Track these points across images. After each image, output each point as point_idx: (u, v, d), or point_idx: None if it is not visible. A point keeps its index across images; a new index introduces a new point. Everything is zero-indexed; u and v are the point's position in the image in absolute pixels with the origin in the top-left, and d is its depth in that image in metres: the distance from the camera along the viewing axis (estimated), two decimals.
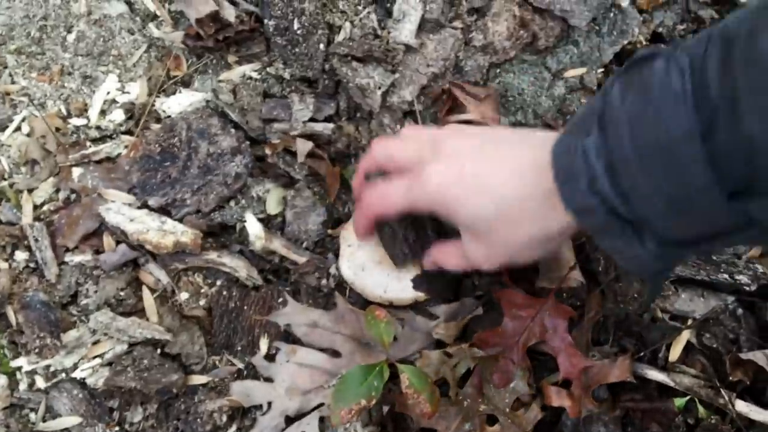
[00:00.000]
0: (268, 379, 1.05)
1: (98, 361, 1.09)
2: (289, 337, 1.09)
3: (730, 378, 1.00)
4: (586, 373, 1.01)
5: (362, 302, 1.07)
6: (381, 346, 1.00)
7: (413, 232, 0.98)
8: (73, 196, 1.16)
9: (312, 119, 1.14)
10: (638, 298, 1.03)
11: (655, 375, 1.03)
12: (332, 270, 1.10)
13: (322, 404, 1.03)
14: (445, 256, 0.95)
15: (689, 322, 1.05)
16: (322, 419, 1.02)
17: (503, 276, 1.06)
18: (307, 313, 1.06)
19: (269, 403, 1.04)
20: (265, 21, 1.16)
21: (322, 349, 1.06)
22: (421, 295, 1.04)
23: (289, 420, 1.03)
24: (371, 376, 0.97)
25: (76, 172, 1.15)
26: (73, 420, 1.06)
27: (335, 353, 1.06)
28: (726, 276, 1.04)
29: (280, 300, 1.11)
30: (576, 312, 1.03)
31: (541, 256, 0.85)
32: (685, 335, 1.05)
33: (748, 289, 1.03)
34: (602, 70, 1.16)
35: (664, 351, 1.05)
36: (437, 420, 1.01)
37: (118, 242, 1.12)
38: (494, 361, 1.02)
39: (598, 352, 1.04)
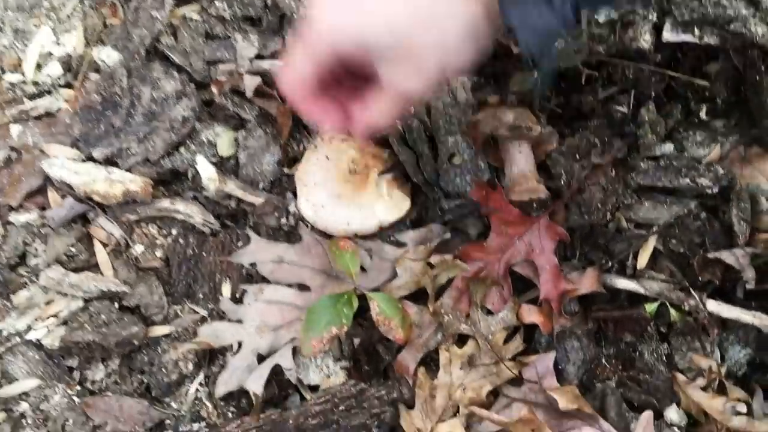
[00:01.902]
0: (237, 321, 1.02)
1: (53, 320, 1.04)
2: (252, 279, 1.06)
3: (699, 279, 1.00)
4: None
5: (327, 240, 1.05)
6: (349, 277, 0.98)
7: None
8: (14, 155, 1.10)
9: (258, 56, 1.11)
10: (602, 208, 1.02)
11: (624, 284, 1.02)
12: (292, 208, 1.07)
13: (294, 339, 1.00)
14: (373, 106, 0.77)
15: (654, 229, 1.04)
16: (295, 351, 0.99)
17: (480, 196, 1.03)
18: (271, 248, 1.03)
19: (239, 343, 1.00)
20: None
21: (290, 285, 1.03)
22: (385, 221, 1.02)
23: (262, 358, 1.00)
24: (340, 303, 0.94)
25: (15, 129, 1.10)
26: (31, 383, 1.02)
27: (304, 287, 1.03)
28: (687, 181, 1.03)
29: (240, 243, 1.07)
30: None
31: (471, 59, 0.73)
32: (651, 242, 1.04)
33: (710, 191, 1.03)
34: None
35: (632, 259, 1.04)
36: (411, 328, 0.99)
37: (64, 197, 1.07)
38: (486, 284, 1.00)
39: (567, 266, 1.03)
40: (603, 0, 0.68)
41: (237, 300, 1.04)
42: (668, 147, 1.07)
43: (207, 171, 1.06)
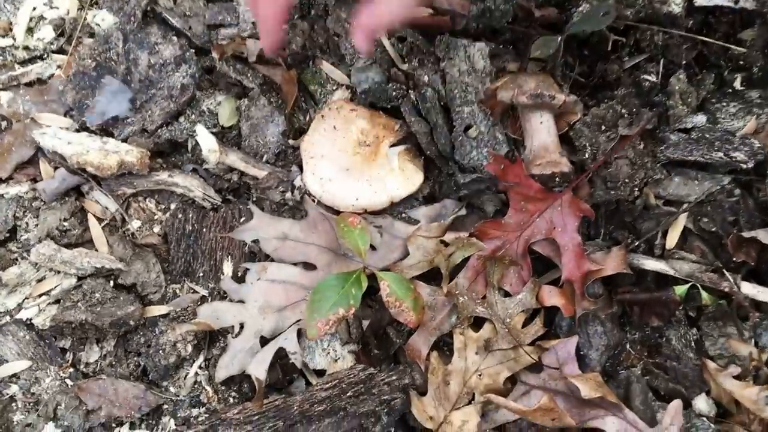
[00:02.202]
0: (239, 302, 0.96)
1: (45, 299, 0.99)
2: (254, 257, 1.00)
3: (734, 259, 0.93)
4: None
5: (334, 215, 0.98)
6: (357, 256, 0.91)
7: None
8: (3, 124, 1.04)
9: None
10: (629, 183, 0.95)
11: (652, 264, 0.96)
12: (297, 182, 1.00)
13: (299, 320, 0.94)
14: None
15: (684, 206, 0.98)
16: (300, 333, 0.93)
17: (497, 170, 0.96)
18: (275, 224, 0.96)
19: (241, 325, 0.94)
20: None
21: (295, 264, 0.96)
22: (396, 196, 0.95)
23: (265, 341, 0.94)
24: (348, 283, 0.88)
25: (5, 96, 1.04)
26: (21, 365, 0.96)
27: (310, 266, 0.96)
28: (721, 154, 0.96)
29: (242, 219, 1.01)
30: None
31: None
32: (682, 220, 0.97)
33: (744, 166, 0.96)
34: None
35: (660, 239, 0.98)
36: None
37: (56, 168, 1.01)
38: (503, 264, 0.93)
39: (590, 246, 0.97)
40: None
41: (239, 279, 0.98)
42: (700, 118, 0.99)
43: (207, 142, 1.00)
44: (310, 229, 0.95)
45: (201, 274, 1.00)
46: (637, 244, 0.97)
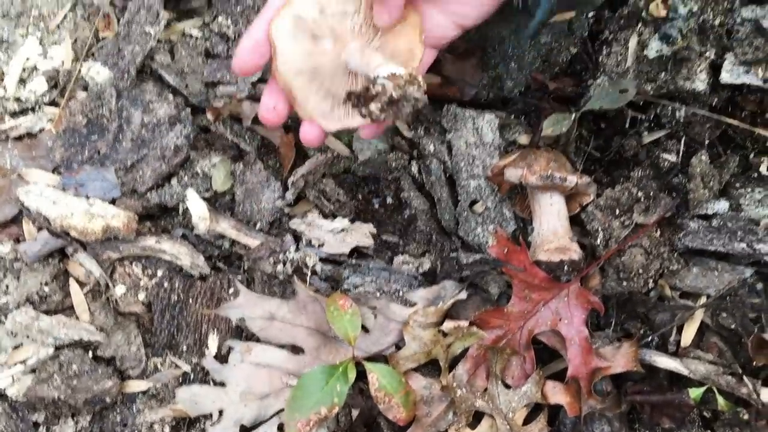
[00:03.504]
0: (221, 384, 0.90)
1: (20, 368, 0.94)
2: (242, 332, 0.94)
3: (753, 363, 0.86)
4: None
5: None
6: (347, 343, 0.86)
7: None
8: None
9: (261, 80, 0.99)
10: (643, 274, 0.89)
11: (665, 362, 0.89)
12: (290, 254, 0.95)
13: (282, 410, 0.88)
14: None
15: (702, 300, 0.91)
16: (281, 427, 0.87)
17: (500, 253, 0.91)
18: (262, 304, 0.91)
19: (220, 411, 0.88)
20: None
21: (281, 346, 0.91)
22: None
23: (245, 429, 0.88)
24: (333, 378, 0.82)
25: None
26: None
27: (297, 349, 0.91)
28: (744, 245, 0.89)
29: (231, 290, 0.96)
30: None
31: None
32: (699, 315, 0.90)
33: None
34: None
35: (675, 334, 0.91)
36: (418, 404, 0.87)
37: (40, 229, 0.96)
38: (504, 354, 0.87)
39: (599, 338, 0.90)
40: None
41: (223, 357, 0.92)
42: (722, 205, 0.93)
43: (198, 209, 0.95)
44: (299, 310, 0.90)
45: (185, 348, 0.95)
46: (650, 338, 0.90)
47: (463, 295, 0.91)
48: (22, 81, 1.03)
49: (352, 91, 0.75)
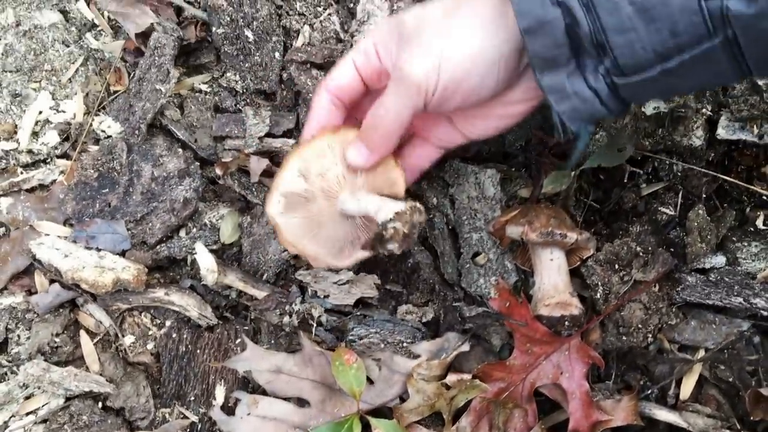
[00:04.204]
0: None
1: (32, 418, 0.95)
2: (249, 383, 0.96)
3: (751, 417, 0.88)
4: None
5: None
6: (352, 397, 0.87)
7: None
8: (2, 230, 1.02)
9: (269, 134, 1.02)
10: (642, 329, 0.91)
11: (664, 415, 0.91)
12: (295, 306, 0.97)
13: None
14: (380, 106, 0.75)
15: (701, 353, 0.93)
16: None
17: (502, 307, 0.93)
18: (269, 358, 0.93)
19: None
20: (214, 29, 1.04)
21: (287, 398, 0.93)
22: None
23: None
24: None
25: (5, 202, 1.02)
26: None
27: (303, 402, 0.92)
28: (740, 300, 0.91)
29: (238, 341, 0.98)
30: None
31: (478, 86, 0.71)
32: (697, 369, 0.92)
33: (765, 313, 0.91)
34: None
35: (674, 387, 0.93)
36: None
37: (51, 282, 0.99)
38: (507, 406, 0.89)
39: (600, 390, 0.92)
40: (650, 92, 0.66)
41: (230, 408, 0.94)
42: (719, 259, 0.95)
43: (206, 261, 0.97)
44: (304, 363, 0.92)
45: (192, 398, 0.97)
46: (649, 391, 0.92)
47: (466, 347, 0.93)
48: (35, 134, 1.06)
49: (368, 241, 0.80)
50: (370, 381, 0.92)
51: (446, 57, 0.69)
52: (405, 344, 0.95)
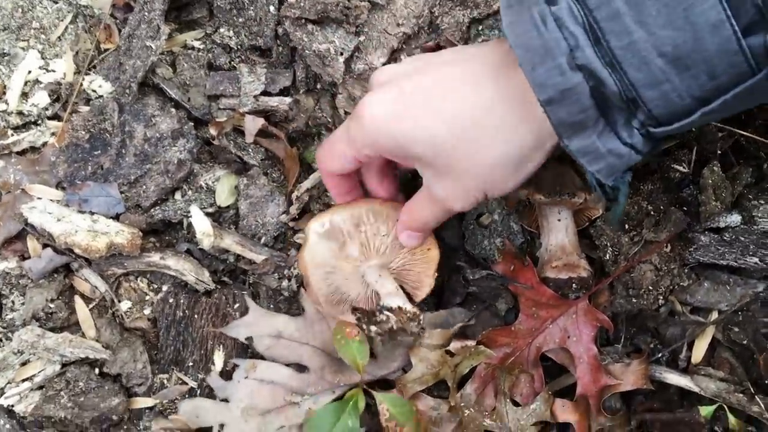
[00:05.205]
0: (225, 400, 0.90)
1: (27, 384, 0.94)
2: (248, 348, 0.94)
3: (766, 381, 0.85)
4: None
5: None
6: (355, 370, 0.85)
7: None
8: None
9: (265, 92, 0.98)
10: (653, 291, 0.88)
11: (675, 379, 0.88)
12: (295, 269, 0.94)
13: (284, 426, 0.87)
14: (414, 210, 0.78)
15: (713, 315, 0.90)
16: None
17: (507, 270, 0.90)
18: (270, 321, 0.90)
19: (221, 426, 0.88)
20: None
21: (287, 364, 0.90)
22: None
23: None
24: (345, 414, 0.81)
25: None
26: None
27: (302, 368, 0.90)
28: (756, 260, 0.88)
29: (237, 305, 0.95)
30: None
31: (518, 183, 0.69)
32: (710, 331, 0.89)
33: None
34: None
35: (686, 350, 0.90)
36: (427, 426, 0.86)
37: (44, 246, 0.96)
38: (513, 372, 0.86)
39: (609, 354, 0.89)
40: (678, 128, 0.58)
41: (228, 374, 0.92)
42: (735, 217, 0.91)
43: (201, 225, 0.94)
44: (306, 327, 0.89)
45: (191, 364, 0.95)
46: (660, 354, 0.89)
47: (471, 321, 0.90)
48: (24, 95, 1.02)
49: (358, 308, 0.82)
50: (372, 354, 0.89)
51: (490, 184, 0.68)
52: None
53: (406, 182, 0.91)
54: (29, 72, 1.02)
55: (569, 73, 0.56)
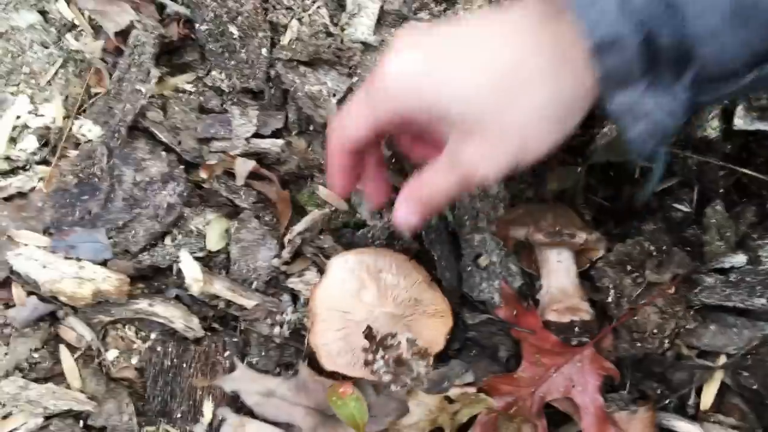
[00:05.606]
0: None
1: None
2: (238, 399, 0.90)
3: None
4: None
5: None
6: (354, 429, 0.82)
7: None
8: None
9: (257, 135, 0.96)
10: (658, 334, 0.85)
11: (685, 427, 0.84)
12: (287, 315, 0.91)
13: None
14: (426, 177, 0.67)
15: (722, 359, 0.86)
16: None
17: (509, 316, 0.87)
18: (260, 380, 0.87)
19: None
20: (197, 25, 0.98)
21: (276, 423, 0.86)
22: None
23: None
24: None
25: None
26: None
27: (292, 427, 0.86)
28: (763, 301, 0.85)
29: (227, 354, 0.92)
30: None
31: (555, 143, 0.61)
32: (718, 376, 0.86)
33: None
34: None
35: (694, 396, 0.86)
36: None
37: (30, 294, 0.93)
38: (515, 422, 0.83)
39: (614, 401, 0.85)
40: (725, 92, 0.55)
41: (219, 424, 0.88)
42: (740, 258, 0.88)
43: (191, 270, 0.91)
44: (299, 389, 0.86)
45: (179, 415, 0.91)
46: (667, 401, 0.86)
47: (470, 378, 0.87)
48: (13, 140, 1.01)
49: (371, 334, 0.80)
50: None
51: (522, 142, 0.60)
52: None
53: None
54: (18, 117, 1.01)
55: (620, 20, 0.52)
